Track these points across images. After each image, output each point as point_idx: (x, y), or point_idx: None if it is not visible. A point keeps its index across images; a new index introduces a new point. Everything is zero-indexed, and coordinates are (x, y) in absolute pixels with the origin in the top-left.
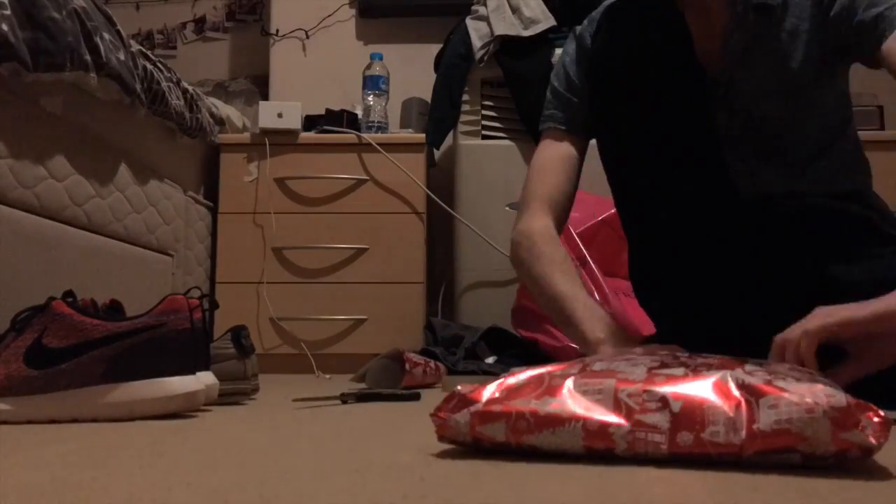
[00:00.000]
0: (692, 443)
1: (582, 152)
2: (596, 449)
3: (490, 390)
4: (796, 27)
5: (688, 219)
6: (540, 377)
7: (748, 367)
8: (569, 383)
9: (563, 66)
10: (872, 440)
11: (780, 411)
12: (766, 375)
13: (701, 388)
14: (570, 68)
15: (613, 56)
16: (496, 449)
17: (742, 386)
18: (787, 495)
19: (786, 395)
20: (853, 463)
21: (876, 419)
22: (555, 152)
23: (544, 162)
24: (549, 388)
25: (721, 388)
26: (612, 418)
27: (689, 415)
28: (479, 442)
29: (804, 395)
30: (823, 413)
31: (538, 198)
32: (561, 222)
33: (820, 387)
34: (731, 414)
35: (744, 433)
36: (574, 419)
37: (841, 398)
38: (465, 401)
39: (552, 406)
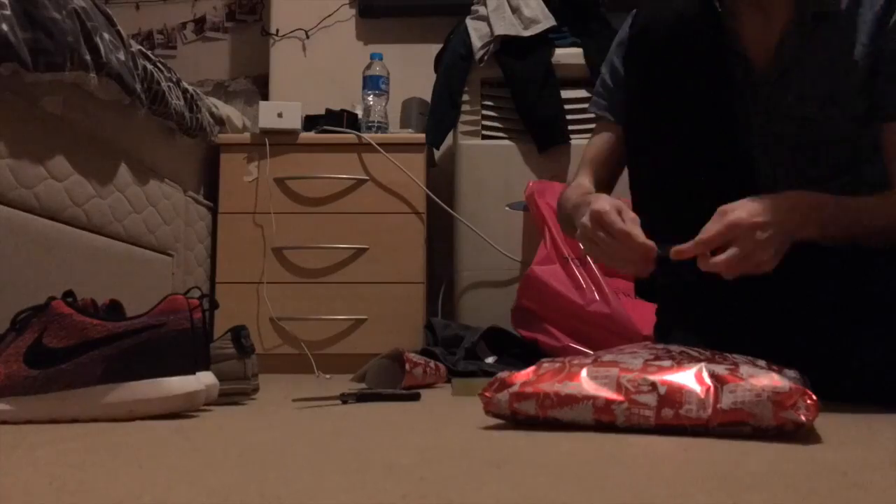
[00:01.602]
0: (672, 417)
1: None
2: (602, 421)
3: (524, 375)
4: (852, 47)
5: (706, 213)
6: (562, 366)
7: (723, 362)
8: (584, 372)
9: (611, 56)
10: (803, 418)
11: (737, 395)
12: (733, 367)
13: (683, 377)
14: (615, 57)
15: (655, 37)
16: (528, 420)
17: (713, 375)
18: (786, 495)
19: (742, 382)
20: (790, 435)
21: (809, 401)
22: (603, 141)
23: (594, 151)
24: (569, 374)
25: (698, 377)
26: (615, 397)
27: (671, 396)
28: (515, 415)
29: (755, 384)
30: (767, 397)
31: (581, 173)
32: (602, 179)
33: (771, 376)
34: (703, 396)
35: (710, 411)
36: (586, 399)
37: (785, 385)
38: (505, 384)
39: (570, 388)
